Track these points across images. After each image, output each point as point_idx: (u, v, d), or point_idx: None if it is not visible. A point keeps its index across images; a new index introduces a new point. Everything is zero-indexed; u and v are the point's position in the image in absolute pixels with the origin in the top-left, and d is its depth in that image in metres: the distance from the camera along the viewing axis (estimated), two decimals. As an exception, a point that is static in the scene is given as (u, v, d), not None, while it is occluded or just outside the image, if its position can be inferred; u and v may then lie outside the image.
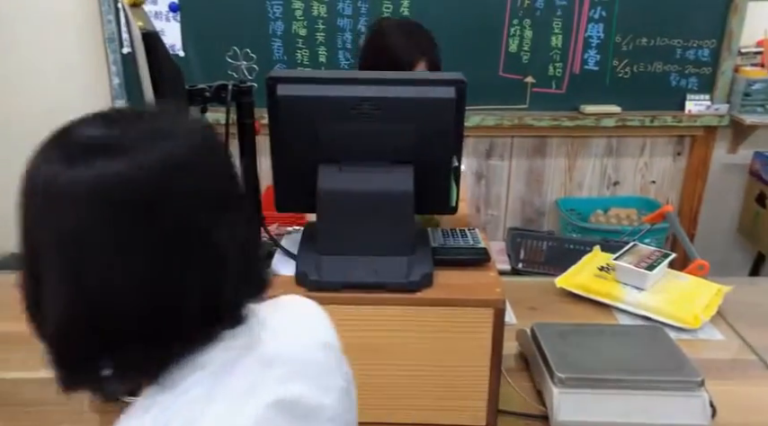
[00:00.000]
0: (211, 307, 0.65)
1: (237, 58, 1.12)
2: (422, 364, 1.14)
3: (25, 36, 2.39)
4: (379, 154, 1.15)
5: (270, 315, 0.75)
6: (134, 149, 0.59)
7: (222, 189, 0.68)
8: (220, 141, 0.70)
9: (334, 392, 0.77)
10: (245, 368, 0.68)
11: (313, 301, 0.89)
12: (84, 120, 0.64)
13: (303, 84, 1.15)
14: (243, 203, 0.72)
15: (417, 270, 1.13)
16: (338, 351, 0.83)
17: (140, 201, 0.59)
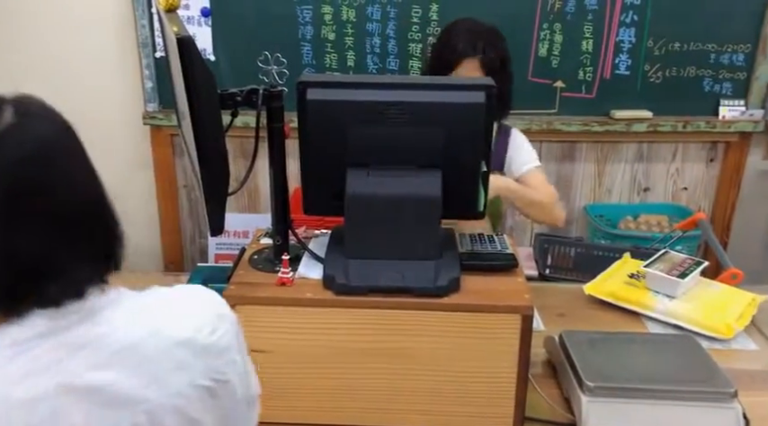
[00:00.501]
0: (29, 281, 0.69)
1: (268, 63, 1.13)
2: (448, 370, 1.14)
3: (61, 40, 2.45)
4: (408, 158, 1.16)
5: (126, 301, 0.77)
6: None
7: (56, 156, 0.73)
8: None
9: (173, 387, 0.75)
10: (44, 348, 0.69)
11: (213, 297, 0.85)
12: None
13: (333, 88, 1.16)
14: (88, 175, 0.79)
15: (445, 274, 1.13)
16: (206, 350, 0.79)
17: None
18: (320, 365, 1.15)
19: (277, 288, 1.15)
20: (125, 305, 0.77)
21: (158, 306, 0.80)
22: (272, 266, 1.21)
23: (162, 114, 2.46)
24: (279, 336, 1.14)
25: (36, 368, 0.69)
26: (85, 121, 2.56)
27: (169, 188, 2.63)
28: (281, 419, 1.19)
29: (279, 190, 1.21)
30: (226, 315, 0.84)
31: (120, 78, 2.48)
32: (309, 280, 1.17)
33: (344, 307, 1.12)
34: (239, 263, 1.23)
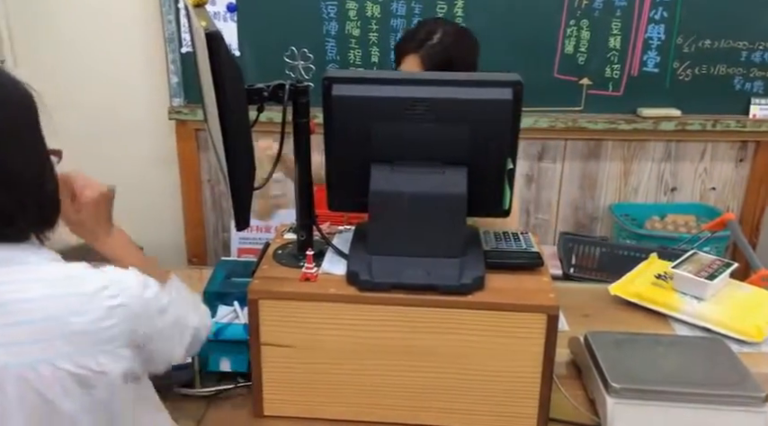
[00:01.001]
0: None
1: (295, 58, 1.13)
2: (471, 368, 1.13)
3: (89, 36, 2.48)
4: (433, 155, 1.15)
5: (37, 265, 0.82)
6: None
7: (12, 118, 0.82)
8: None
9: (25, 358, 0.78)
10: None
11: (121, 287, 0.85)
12: None
13: (358, 84, 1.16)
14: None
15: (469, 272, 1.12)
16: (78, 336, 0.80)
17: None
18: (342, 361, 1.15)
19: (301, 283, 1.15)
20: (32, 267, 0.82)
21: (58, 279, 0.82)
22: (295, 261, 1.21)
23: (187, 109, 2.48)
24: (301, 331, 1.14)
25: None
26: (112, 116, 2.61)
27: (193, 182, 2.65)
28: (301, 413, 1.19)
29: (304, 185, 1.21)
30: (118, 309, 0.83)
31: (147, 74, 2.51)
32: (333, 276, 1.16)
33: (368, 304, 1.12)
34: (263, 258, 1.24)
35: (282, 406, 1.19)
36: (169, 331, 0.95)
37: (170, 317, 0.94)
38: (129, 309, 0.85)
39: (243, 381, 1.26)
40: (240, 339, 1.24)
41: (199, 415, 1.21)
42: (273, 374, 1.17)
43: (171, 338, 0.96)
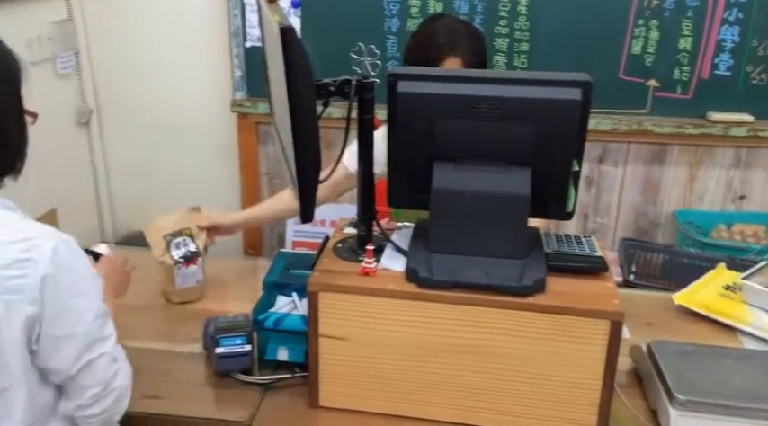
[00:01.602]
0: None
1: (361, 54, 1.14)
2: (529, 371, 1.11)
3: (158, 29, 2.56)
4: (497, 154, 1.13)
5: None
6: None
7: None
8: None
9: None
10: None
11: (36, 244, 0.90)
12: None
13: (424, 81, 1.15)
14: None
15: (530, 274, 1.10)
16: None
17: None
18: (397, 356, 1.16)
19: (360, 277, 1.16)
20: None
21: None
22: (355, 256, 1.22)
23: (249, 102, 2.53)
24: (359, 325, 1.15)
25: None
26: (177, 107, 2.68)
27: (252, 174, 2.70)
28: (355, 406, 1.20)
29: (366, 180, 1.21)
30: (26, 263, 0.88)
31: (211, 67, 2.57)
32: (392, 272, 1.17)
33: (426, 301, 1.12)
34: (323, 251, 1.25)
35: (337, 398, 1.21)
36: (71, 327, 0.94)
37: (82, 319, 0.94)
38: (37, 266, 0.89)
39: (299, 371, 1.28)
40: (298, 329, 1.26)
41: (256, 402, 1.23)
42: (330, 366, 1.18)
43: (69, 338, 0.94)
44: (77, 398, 0.97)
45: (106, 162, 2.75)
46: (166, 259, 1.52)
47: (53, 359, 0.94)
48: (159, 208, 2.70)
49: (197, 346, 1.38)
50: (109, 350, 0.98)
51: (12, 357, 0.90)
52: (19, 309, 0.88)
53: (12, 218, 0.93)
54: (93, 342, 0.96)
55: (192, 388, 1.28)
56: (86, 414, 0.99)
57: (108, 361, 0.98)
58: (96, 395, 0.98)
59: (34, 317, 0.90)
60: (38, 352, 0.93)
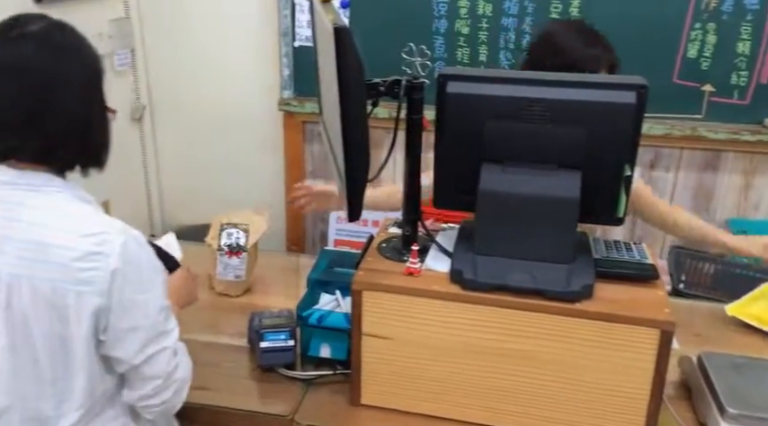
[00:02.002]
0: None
1: (412, 54, 1.14)
2: (574, 378, 1.10)
3: (210, 30, 2.61)
4: (546, 157, 1.12)
5: (58, 194, 0.95)
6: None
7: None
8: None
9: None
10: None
11: (109, 239, 0.93)
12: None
13: (474, 82, 1.15)
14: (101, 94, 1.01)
15: (578, 279, 1.09)
16: (57, 265, 0.91)
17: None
18: (440, 358, 1.15)
19: (404, 277, 1.16)
20: (46, 197, 0.94)
21: (59, 214, 0.93)
22: (399, 256, 1.22)
23: (296, 101, 2.56)
24: (402, 324, 1.15)
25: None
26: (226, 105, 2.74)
27: (297, 172, 2.73)
28: (396, 405, 1.20)
29: (412, 181, 1.21)
30: (97, 256, 0.92)
31: (260, 66, 2.61)
32: (436, 273, 1.17)
33: (471, 303, 1.11)
34: (368, 250, 1.26)
35: (379, 397, 1.21)
36: (138, 320, 0.96)
37: (147, 312, 0.97)
38: (108, 260, 0.92)
39: (341, 368, 1.29)
40: (341, 327, 1.27)
41: (298, 397, 1.25)
42: (372, 364, 1.19)
43: (134, 330, 0.96)
44: (140, 389, 1.01)
45: (157, 157, 2.82)
46: (213, 243, 1.56)
47: (118, 349, 0.97)
48: (206, 203, 2.78)
49: (241, 339, 1.41)
50: (171, 344, 1.01)
51: (77, 345, 0.94)
52: (88, 300, 0.92)
53: (88, 212, 0.96)
54: (157, 336, 0.99)
55: (237, 381, 1.30)
56: (148, 404, 1.02)
57: (170, 355, 1.01)
58: (158, 387, 1.01)
59: (101, 309, 0.93)
60: (105, 342, 0.96)
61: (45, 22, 0.97)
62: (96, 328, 0.95)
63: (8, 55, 0.93)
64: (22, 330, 0.93)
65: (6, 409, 0.96)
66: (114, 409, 1.02)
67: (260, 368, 1.31)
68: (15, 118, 0.93)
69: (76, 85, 0.97)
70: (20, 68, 0.93)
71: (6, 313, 0.92)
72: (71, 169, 1.00)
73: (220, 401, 1.24)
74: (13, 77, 0.93)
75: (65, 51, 0.96)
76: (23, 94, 0.93)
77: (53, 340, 0.93)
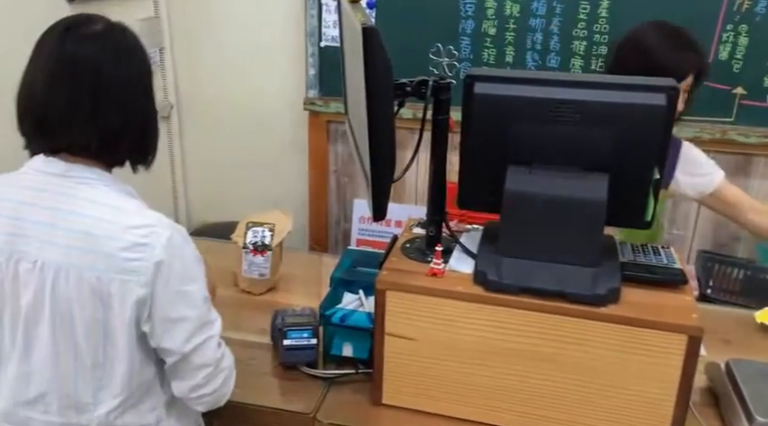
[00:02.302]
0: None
1: (440, 55, 1.14)
2: (598, 383, 1.09)
3: (238, 29, 2.63)
4: (573, 159, 1.11)
5: (103, 186, 0.98)
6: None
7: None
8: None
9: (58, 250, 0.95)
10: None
11: (155, 232, 0.96)
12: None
13: (501, 83, 1.14)
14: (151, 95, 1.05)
15: (604, 283, 1.08)
16: (104, 255, 0.94)
17: None
18: (462, 359, 1.15)
19: (428, 278, 1.16)
20: (96, 190, 0.97)
21: (109, 206, 0.96)
22: (423, 256, 1.22)
23: (321, 101, 2.57)
24: (425, 325, 1.15)
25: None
26: (252, 104, 2.77)
27: (321, 172, 2.75)
28: (417, 406, 1.20)
29: (437, 181, 1.21)
30: (143, 247, 0.94)
31: (286, 65, 2.62)
32: (460, 274, 1.16)
33: (495, 305, 1.11)
34: (392, 250, 1.26)
35: (400, 397, 1.21)
36: (185, 310, 0.99)
37: (193, 303, 1.00)
38: (153, 251, 0.94)
39: (363, 368, 1.29)
40: (364, 326, 1.27)
41: (320, 395, 1.25)
42: (394, 364, 1.19)
43: (182, 321, 0.99)
44: (191, 379, 1.03)
45: (183, 155, 2.86)
46: (239, 240, 1.57)
47: (167, 340, 0.99)
48: (230, 201, 2.80)
49: (264, 336, 1.42)
50: (216, 332, 1.05)
51: (119, 333, 0.97)
52: (132, 290, 0.94)
53: (134, 206, 0.99)
54: (203, 325, 1.02)
55: (259, 378, 1.31)
56: (200, 394, 1.05)
57: (216, 343, 1.04)
58: (208, 375, 1.04)
59: (144, 299, 0.95)
60: (152, 333, 0.99)
61: (106, 23, 1.01)
62: (138, 318, 0.97)
63: (72, 54, 0.95)
64: (65, 317, 0.96)
65: (45, 394, 0.99)
66: (150, 401, 1.04)
67: (282, 366, 1.32)
68: (76, 114, 0.95)
69: (135, 85, 1.01)
70: (83, 67, 0.95)
71: (51, 300, 0.95)
72: (120, 165, 1.04)
73: (243, 397, 1.25)
74: (75, 75, 0.95)
75: (125, 52, 0.99)
76: (86, 92, 0.95)
77: (95, 327, 0.96)
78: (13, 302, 0.97)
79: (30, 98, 0.97)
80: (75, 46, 0.96)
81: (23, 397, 1.00)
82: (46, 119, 0.95)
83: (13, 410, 1.01)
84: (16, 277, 0.96)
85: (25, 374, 0.99)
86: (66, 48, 0.95)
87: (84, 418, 1.00)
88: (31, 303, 0.95)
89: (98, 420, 1.00)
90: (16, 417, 1.02)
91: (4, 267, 0.96)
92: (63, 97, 0.94)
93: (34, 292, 0.95)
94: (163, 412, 1.06)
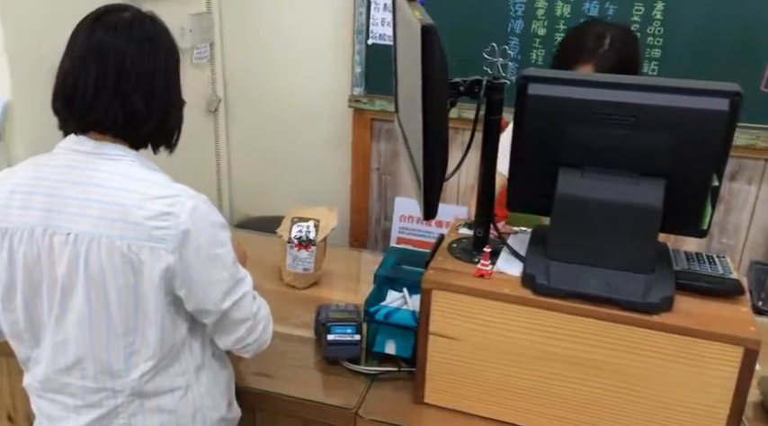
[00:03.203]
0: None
1: (494, 55, 1.13)
2: (646, 392, 1.07)
3: (286, 25, 2.66)
4: (628, 163, 1.09)
5: (129, 162, 1.04)
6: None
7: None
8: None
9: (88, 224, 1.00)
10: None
11: (179, 201, 1.01)
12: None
13: (555, 84, 1.13)
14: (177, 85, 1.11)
15: (657, 291, 1.05)
16: (133, 225, 0.99)
17: None
18: (506, 361, 1.14)
19: (475, 279, 1.15)
20: (123, 164, 1.03)
21: (136, 178, 1.02)
22: (470, 257, 1.22)
23: (366, 99, 2.58)
24: (470, 326, 1.15)
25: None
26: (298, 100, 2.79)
27: (363, 169, 2.76)
28: (459, 407, 1.20)
29: (487, 182, 1.20)
30: (169, 216, 0.99)
31: (333, 62, 2.64)
32: (507, 276, 1.15)
33: (543, 309, 1.09)
34: (438, 250, 1.26)
35: (442, 397, 1.21)
36: (218, 273, 1.04)
37: (224, 265, 1.05)
38: (179, 220, 0.99)
39: (405, 366, 1.29)
40: (408, 325, 1.27)
41: (362, 391, 1.26)
42: (438, 364, 1.19)
43: (217, 282, 1.04)
44: (235, 332, 1.10)
45: (229, 148, 2.90)
46: (284, 235, 1.59)
47: (206, 302, 1.04)
48: (273, 196, 2.84)
49: (306, 330, 1.43)
50: (249, 288, 1.11)
51: (150, 298, 1.01)
52: (161, 256, 0.99)
53: (158, 178, 1.05)
54: (236, 283, 1.07)
55: (302, 371, 1.32)
56: (244, 344, 1.12)
57: (251, 298, 1.11)
58: (250, 327, 1.11)
59: (173, 266, 1.00)
60: (190, 297, 1.03)
61: (134, 11, 1.07)
62: (169, 284, 1.01)
63: (102, 40, 1.02)
64: (97, 285, 1.00)
65: (81, 360, 1.05)
66: (179, 365, 1.08)
67: (325, 360, 1.33)
68: (105, 95, 1.02)
69: (158, 73, 1.06)
70: (112, 52, 1.02)
71: (85, 269, 1.00)
72: (144, 146, 1.09)
73: (286, 389, 1.26)
74: (105, 60, 1.02)
75: (151, 40, 1.05)
76: (114, 76, 1.02)
77: (127, 293, 1.01)
78: (49, 274, 1.02)
79: (61, 80, 1.04)
80: (103, 33, 1.03)
81: (61, 364, 1.06)
82: (74, 98, 1.02)
83: (53, 376, 1.07)
84: (51, 249, 1.01)
85: (62, 341, 1.05)
86: (95, 35, 1.03)
87: (117, 383, 1.05)
88: (65, 273, 1.01)
89: (131, 384, 1.05)
90: (56, 384, 1.08)
91: (41, 240, 1.01)
92: (89, 79, 1.01)
93: (68, 263, 1.00)
94: (193, 376, 1.10)
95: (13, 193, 1.04)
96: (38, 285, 1.04)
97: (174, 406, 1.08)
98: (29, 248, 1.02)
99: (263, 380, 1.28)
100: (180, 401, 1.08)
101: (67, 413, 1.08)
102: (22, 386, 1.14)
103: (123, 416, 1.07)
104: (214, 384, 1.14)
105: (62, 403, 1.08)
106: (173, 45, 1.10)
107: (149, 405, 1.07)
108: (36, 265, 1.02)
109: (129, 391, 1.05)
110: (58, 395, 1.08)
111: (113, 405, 1.06)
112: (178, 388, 1.08)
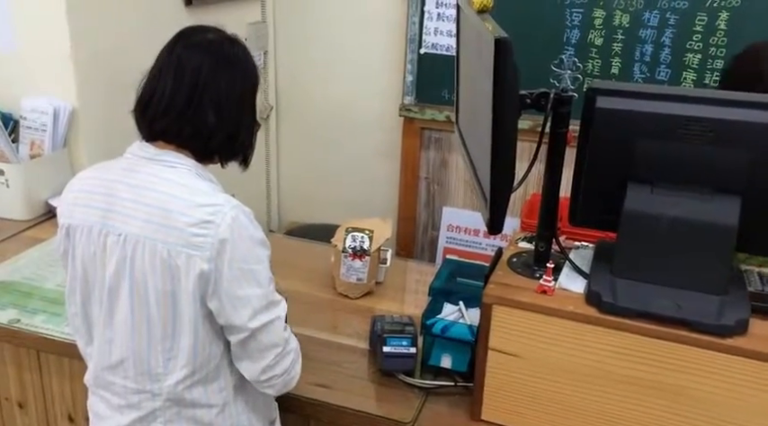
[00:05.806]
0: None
1: (563, 67, 1.11)
2: (717, 418, 1.03)
3: (340, 35, 2.68)
4: (702, 179, 1.05)
5: (181, 170, 1.06)
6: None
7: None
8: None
9: (135, 226, 1.03)
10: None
11: (221, 212, 1.01)
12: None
13: (625, 97, 1.10)
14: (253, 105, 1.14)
15: (731, 313, 1.01)
16: (174, 230, 1.00)
17: None
18: (568, 381, 1.11)
19: (537, 295, 1.13)
20: (175, 172, 1.05)
21: (184, 186, 1.03)
22: (530, 272, 1.19)
23: (416, 108, 2.58)
24: (531, 343, 1.12)
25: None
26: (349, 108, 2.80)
27: (411, 178, 2.75)
28: (514, 423, 1.18)
29: (551, 196, 1.18)
30: (208, 224, 0.99)
31: (385, 71, 2.65)
32: (570, 293, 1.13)
33: (608, 328, 1.06)
34: (497, 264, 1.24)
35: (500, 414, 1.19)
36: (251, 289, 1.02)
37: (257, 281, 1.03)
38: (218, 229, 1.00)
39: (461, 381, 1.27)
40: (464, 339, 1.25)
41: (417, 405, 1.25)
42: (496, 380, 1.17)
43: (248, 298, 1.02)
44: (262, 360, 1.06)
45: (279, 156, 2.94)
46: (339, 244, 1.59)
47: (235, 317, 1.03)
48: (321, 204, 2.85)
49: (359, 340, 1.42)
50: (282, 313, 1.08)
51: (184, 304, 1.02)
52: (196, 263, 1.00)
53: (208, 187, 1.06)
54: (269, 304, 1.06)
55: (358, 382, 1.32)
56: (270, 376, 1.07)
57: (282, 324, 1.08)
58: (278, 355, 1.07)
59: (207, 275, 1.00)
60: (220, 311, 1.03)
61: (218, 33, 1.11)
62: (203, 292, 1.01)
63: (185, 57, 1.07)
64: (140, 287, 1.02)
65: (123, 361, 1.07)
66: (218, 382, 1.09)
67: (380, 372, 1.32)
68: (173, 106, 1.06)
69: (232, 94, 1.09)
70: (185, 68, 1.06)
71: (131, 271, 1.02)
72: (211, 159, 1.12)
73: (341, 400, 1.26)
74: (177, 74, 1.06)
75: (227, 62, 1.09)
76: (184, 89, 1.06)
77: (165, 298, 1.02)
78: (101, 272, 1.05)
79: (140, 90, 1.09)
80: (184, 50, 1.07)
81: (108, 362, 1.09)
82: (149, 106, 1.07)
83: (101, 374, 1.10)
84: (104, 249, 1.04)
85: (109, 340, 1.07)
86: (176, 51, 1.08)
87: (156, 387, 1.06)
88: (113, 273, 1.03)
89: (168, 389, 1.06)
90: (103, 381, 1.11)
91: (97, 239, 1.04)
92: (164, 90, 1.05)
93: (117, 263, 1.03)
94: (230, 394, 1.10)
95: (80, 192, 1.09)
96: (92, 283, 1.07)
97: (210, 421, 1.09)
98: (87, 246, 1.06)
99: (319, 390, 1.28)
100: (216, 417, 1.09)
101: (112, 412, 1.11)
102: (82, 385, 1.18)
103: (161, 420, 1.08)
104: (252, 405, 1.14)
105: (108, 402, 1.12)
106: (250, 67, 1.12)
107: (186, 414, 1.08)
108: (91, 263, 1.06)
109: (167, 396, 1.07)
110: (105, 393, 1.12)
111: (151, 408, 1.08)
112: (215, 405, 1.09)
